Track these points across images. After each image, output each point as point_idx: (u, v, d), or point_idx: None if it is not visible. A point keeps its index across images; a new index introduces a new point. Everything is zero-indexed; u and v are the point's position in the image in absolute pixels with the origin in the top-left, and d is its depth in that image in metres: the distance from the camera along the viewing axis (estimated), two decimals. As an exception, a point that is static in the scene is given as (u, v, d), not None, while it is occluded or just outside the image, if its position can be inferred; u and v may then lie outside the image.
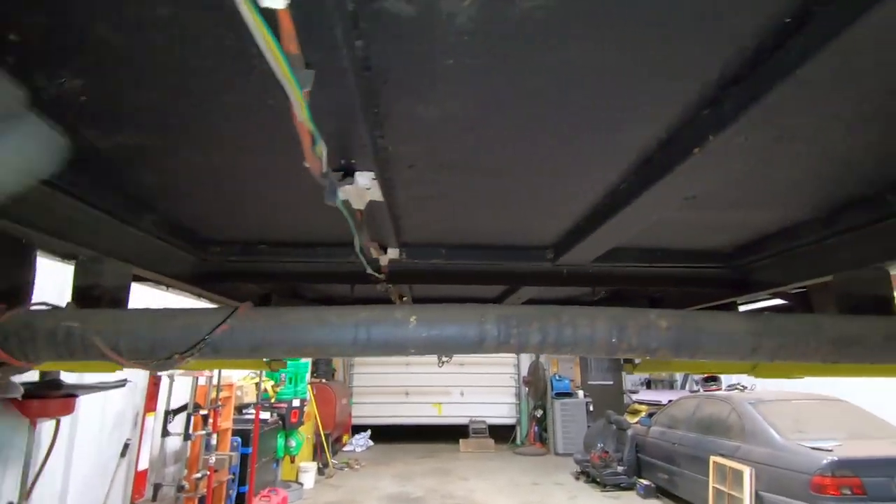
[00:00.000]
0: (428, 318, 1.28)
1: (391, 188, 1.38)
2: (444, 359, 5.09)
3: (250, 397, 6.87)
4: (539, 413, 12.42)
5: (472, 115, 1.07)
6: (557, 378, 12.21)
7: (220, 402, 5.66)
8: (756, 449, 5.75)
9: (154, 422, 4.89)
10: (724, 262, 2.12)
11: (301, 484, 7.98)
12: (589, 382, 13.23)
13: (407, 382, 12.88)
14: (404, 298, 2.78)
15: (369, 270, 1.93)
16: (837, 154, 1.21)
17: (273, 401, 7.46)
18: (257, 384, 6.89)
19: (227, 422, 6.11)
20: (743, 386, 8.57)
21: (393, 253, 1.97)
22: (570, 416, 11.58)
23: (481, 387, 12.93)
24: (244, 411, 6.75)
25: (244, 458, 6.10)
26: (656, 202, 1.32)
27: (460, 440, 12.05)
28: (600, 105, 1.02)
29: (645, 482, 7.87)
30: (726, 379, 9.70)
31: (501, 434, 12.54)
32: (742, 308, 2.36)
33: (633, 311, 1.33)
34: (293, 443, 7.73)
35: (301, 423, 7.89)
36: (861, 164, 1.26)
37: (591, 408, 11.86)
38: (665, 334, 1.27)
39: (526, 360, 13.27)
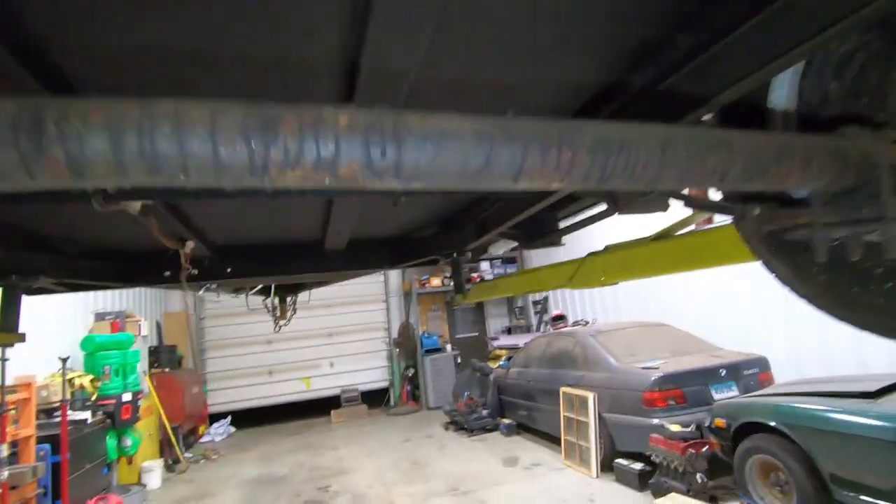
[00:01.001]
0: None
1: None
2: (282, 321, 4.70)
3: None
4: (411, 372, 12.51)
5: None
6: (426, 335, 12.33)
7: (10, 406, 4.63)
8: (597, 375, 6.23)
9: None
10: None
11: (144, 485, 7.06)
12: (456, 336, 13.63)
13: (270, 361, 12.10)
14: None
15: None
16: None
17: (94, 398, 6.40)
18: (70, 380, 5.82)
19: (27, 428, 5.07)
20: (585, 321, 9.33)
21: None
22: (440, 371, 11.82)
23: (352, 355, 12.60)
24: (56, 414, 5.67)
25: (57, 468, 5.13)
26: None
27: (332, 412, 11.70)
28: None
29: (507, 421, 8.28)
30: (572, 316, 10.52)
31: (376, 398, 12.44)
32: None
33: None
34: (128, 442, 6.76)
35: (136, 419, 6.92)
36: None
37: (459, 360, 12.24)
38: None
39: (396, 321, 13.21)
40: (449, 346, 12.38)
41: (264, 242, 2.65)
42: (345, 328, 12.66)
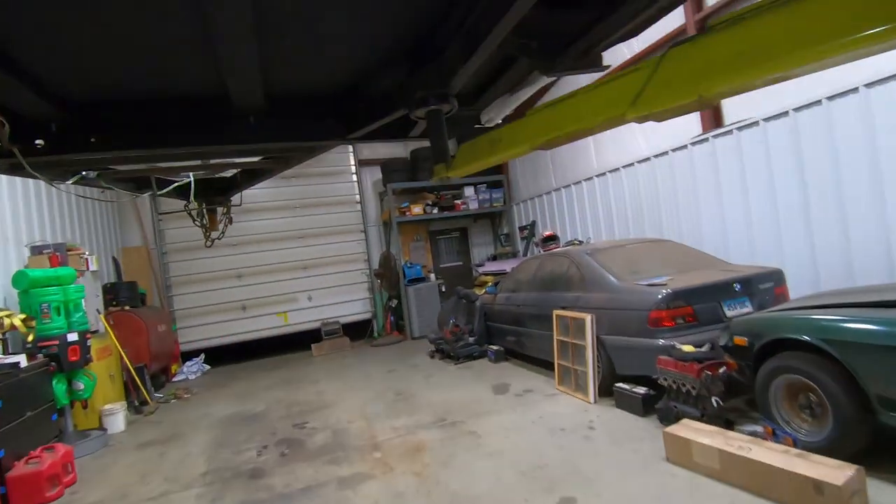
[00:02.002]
0: None
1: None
2: (214, 233, 3.93)
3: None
4: (394, 303, 11.97)
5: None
6: (409, 265, 11.69)
7: None
8: (595, 296, 5.65)
9: None
10: None
11: (104, 430, 6.51)
12: (440, 265, 13.03)
13: (242, 296, 11.41)
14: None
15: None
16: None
17: (31, 339, 5.67)
18: (-4, 321, 5.05)
19: (-55, 377, 4.36)
20: (579, 240, 8.71)
21: None
22: (424, 300, 11.30)
23: (331, 287, 11.96)
24: (-11, 359, 4.96)
25: (-9, 418, 4.48)
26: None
27: (312, 345, 11.20)
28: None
29: (494, 348, 7.82)
30: (563, 237, 9.90)
31: (358, 331, 11.97)
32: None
33: None
34: (80, 385, 6.12)
35: (87, 360, 6.24)
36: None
37: (444, 289, 11.71)
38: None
39: (376, 252, 12.50)
40: (433, 276, 11.78)
41: (142, 97, 1.82)
42: (321, 260, 11.93)
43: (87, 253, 7.73)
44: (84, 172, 2.18)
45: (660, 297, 4.85)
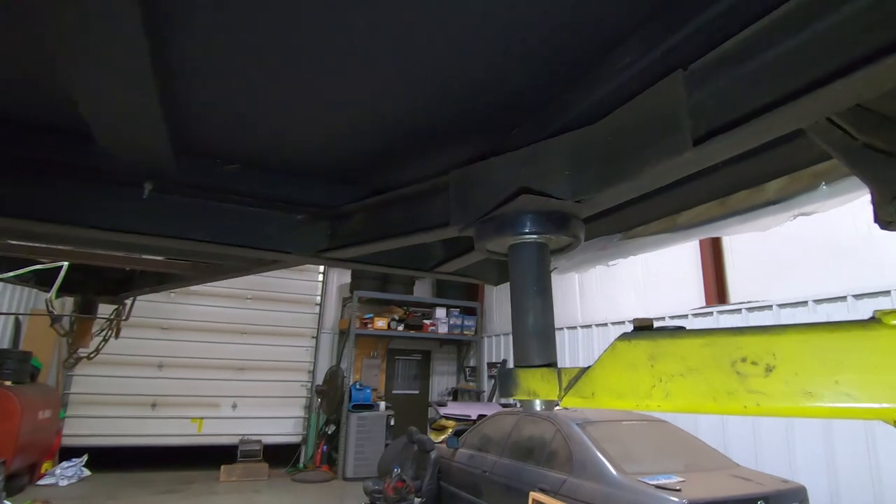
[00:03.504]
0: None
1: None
2: (83, 349, 2.80)
3: None
4: (331, 429, 10.32)
5: None
6: (358, 387, 10.28)
7: None
8: (588, 485, 4.51)
9: None
10: None
11: None
12: (393, 391, 11.63)
13: (156, 390, 9.66)
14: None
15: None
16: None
17: None
18: None
19: None
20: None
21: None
22: (367, 433, 9.73)
23: (262, 398, 10.32)
24: None
25: None
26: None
27: (222, 466, 9.29)
28: None
29: (446, 521, 6.35)
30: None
31: (282, 455, 10.13)
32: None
33: None
34: None
35: None
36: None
37: (393, 422, 10.20)
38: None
39: (324, 364, 11.09)
40: (383, 404, 10.33)
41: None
42: (259, 363, 10.43)
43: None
44: None
45: (676, 508, 3.78)
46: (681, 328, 0.65)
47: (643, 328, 0.70)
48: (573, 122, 1.03)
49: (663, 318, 7.23)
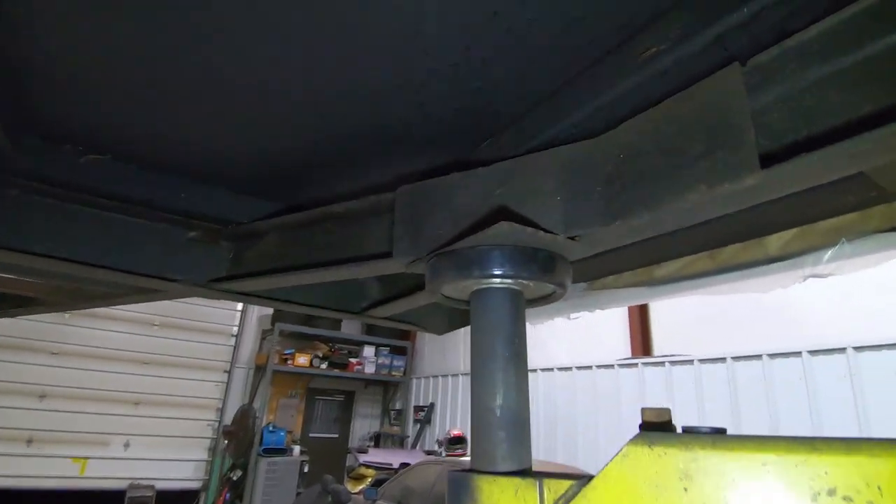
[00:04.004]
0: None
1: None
2: None
3: None
4: (237, 475, 9.38)
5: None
6: (271, 429, 9.48)
7: None
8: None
9: None
10: None
11: None
12: (311, 435, 10.86)
13: (34, 423, 8.43)
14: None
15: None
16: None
17: None
18: None
19: None
20: (491, 451, 7.40)
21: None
22: (277, 480, 8.93)
23: (160, 437, 9.28)
24: None
25: None
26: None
27: (103, 516, 8.14)
28: None
29: (356, 584, 5.79)
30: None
31: (179, 503, 9.06)
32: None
33: None
34: None
35: None
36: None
37: (307, 468, 9.45)
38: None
39: (234, 403, 10.19)
40: (297, 448, 9.58)
41: None
42: (161, 398, 9.42)
43: None
44: None
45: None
46: (720, 431, 0.45)
47: (659, 427, 0.49)
48: (568, 132, 0.81)
49: (590, 367, 7.25)
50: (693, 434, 0.47)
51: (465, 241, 0.82)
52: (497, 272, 0.81)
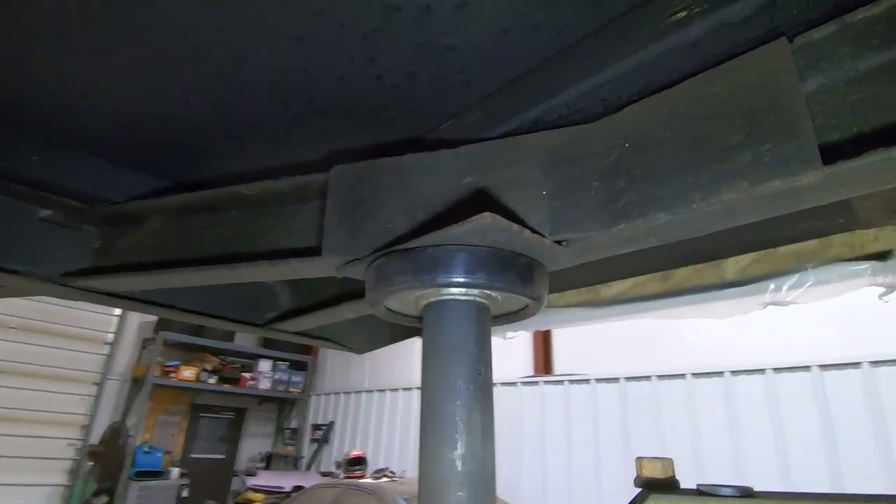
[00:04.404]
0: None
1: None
2: None
3: None
4: (101, 501, 8.28)
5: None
6: (146, 449, 8.51)
7: None
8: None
9: None
10: None
11: None
12: (192, 456, 9.91)
13: None
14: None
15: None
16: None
17: None
18: None
19: None
20: (392, 472, 7.16)
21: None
22: (150, 507, 8.01)
23: (9, 457, 7.97)
24: None
25: None
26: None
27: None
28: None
29: None
30: (374, 461, 8.19)
31: (21, 537, 7.78)
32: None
33: None
34: None
35: None
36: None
37: (187, 493, 8.58)
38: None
39: (104, 420, 9.05)
40: (176, 471, 8.67)
41: None
42: (15, 413, 8.12)
43: None
44: None
45: None
46: (749, 491, 0.38)
47: (664, 485, 0.41)
48: (558, 112, 0.66)
49: (495, 385, 7.35)
50: (711, 495, 0.40)
51: (425, 239, 0.66)
52: (463, 280, 0.66)
